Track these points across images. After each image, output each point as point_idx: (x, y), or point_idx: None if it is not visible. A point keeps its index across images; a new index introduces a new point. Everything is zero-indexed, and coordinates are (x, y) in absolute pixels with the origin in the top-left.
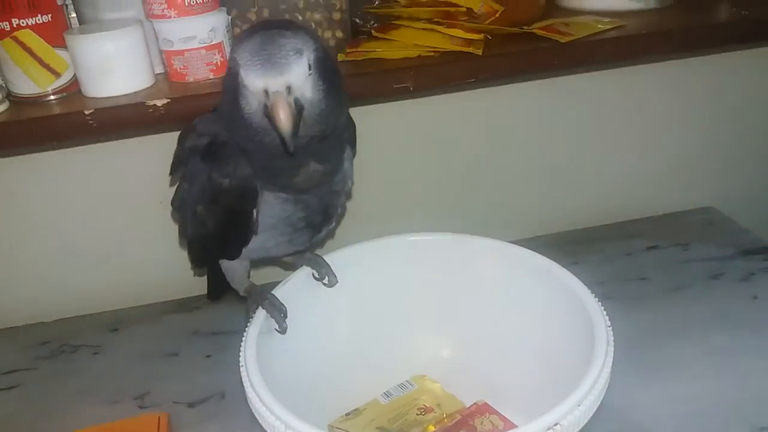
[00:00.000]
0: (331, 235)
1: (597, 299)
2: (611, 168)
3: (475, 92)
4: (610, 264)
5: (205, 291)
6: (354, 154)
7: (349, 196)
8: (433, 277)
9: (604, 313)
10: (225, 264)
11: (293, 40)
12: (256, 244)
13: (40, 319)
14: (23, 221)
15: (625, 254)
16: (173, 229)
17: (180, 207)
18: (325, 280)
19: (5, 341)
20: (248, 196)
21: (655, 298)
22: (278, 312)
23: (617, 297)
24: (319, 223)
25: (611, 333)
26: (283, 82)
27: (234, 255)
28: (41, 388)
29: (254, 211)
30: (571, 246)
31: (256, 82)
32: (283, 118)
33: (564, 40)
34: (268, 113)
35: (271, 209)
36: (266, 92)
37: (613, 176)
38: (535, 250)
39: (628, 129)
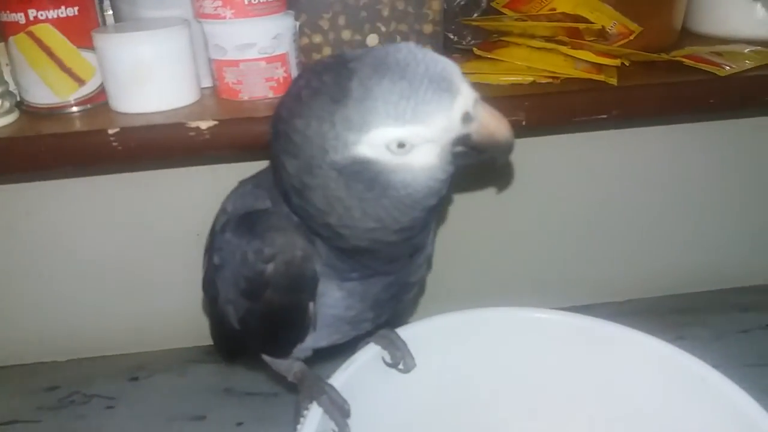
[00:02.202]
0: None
1: None
2: (726, 225)
3: (601, 134)
4: (722, 342)
5: None
6: None
7: (429, 265)
8: (541, 367)
9: None
10: None
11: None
12: (307, 343)
13: (53, 358)
14: (38, 248)
15: (740, 331)
16: None
17: (208, 292)
18: (401, 365)
19: (10, 381)
20: (304, 284)
21: None
22: (339, 410)
23: None
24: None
25: None
26: (469, 89)
27: (279, 355)
28: None
29: (310, 304)
30: (673, 316)
31: (444, 117)
32: (504, 126)
33: (723, 73)
34: (475, 141)
35: (331, 301)
36: (465, 116)
37: (725, 234)
38: (630, 318)
39: (752, 183)
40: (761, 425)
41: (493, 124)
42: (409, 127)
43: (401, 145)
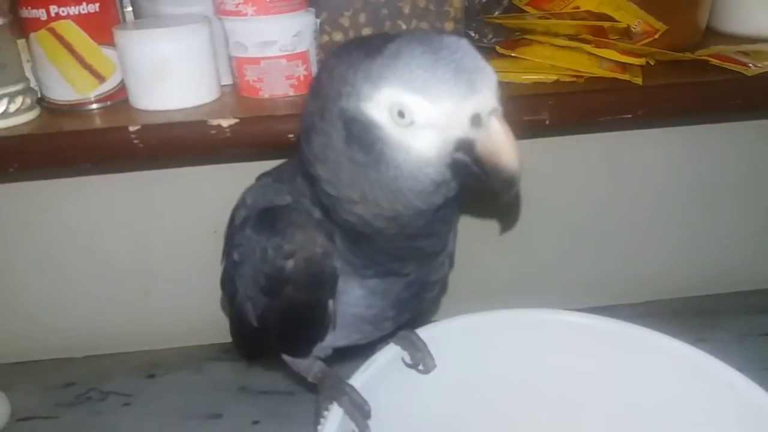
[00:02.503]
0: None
1: None
2: (746, 226)
3: (625, 134)
4: (743, 345)
5: None
6: None
7: (452, 263)
8: (562, 369)
9: None
10: None
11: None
12: (327, 341)
13: (70, 354)
14: (56, 245)
15: (762, 333)
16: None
17: (227, 289)
18: (420, 366)
19: (28, 377)
20: (324, 281)
21: None
22: (359, 411)
23: None
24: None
25: None
26: (494, 98)
27: (299, 354)
28: None
29: (330, 301)
30: (694, 318)
31: (451, 104)
32: (513, 151)
33: (750, 72)
34: (478, 152)
35: (352, 299)
36: (474, 118)
37: (746, 235)
38: (649, 320)
39: None
40: None
41: (501, 141)
42: (415, 97)
43: (402, 114)
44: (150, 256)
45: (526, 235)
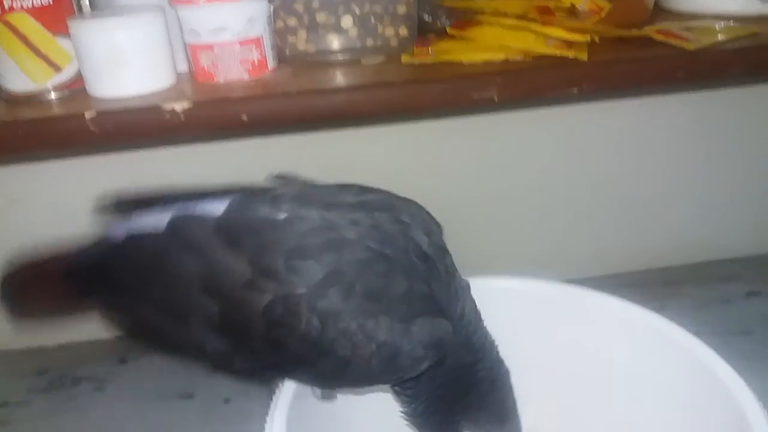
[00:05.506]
0: None
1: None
2: (706, 198)
3: (570, 108)
4: (703, 312)
5: None
6: None
7: None
8: (518, 334)
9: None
10: None
11: None
12: None
13: (42, 343)
14: (22, 232)
15: (722, 301)
16: None
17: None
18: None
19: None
20: None
21: (763, 357)
22: None
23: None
24: None
25: None
26: None
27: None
28: (33, 428)
29: None
30: (656, 287)
31: None
32: None
33: (691, 47)
34: None
35: None
36: None
37: (706, 207)
38: (614, 291)
39: (733, 153)
40: (734, 390)
41: None
42: None
43: None
44: None
45: (482, 212)
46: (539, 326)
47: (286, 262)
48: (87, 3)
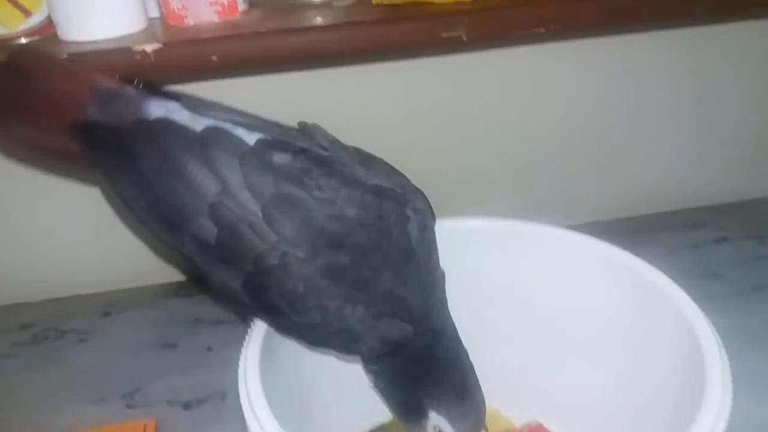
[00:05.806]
0: None
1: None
2: (676, 146)
3: (536, 48)
4: (674, 257)
5: None
6: None
7: None
8: (482, 269)
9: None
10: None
11: None
12: None
13: (26, 299)
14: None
15: (691, 247)
16: None
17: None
18: None
19: None
20: None
21: (729, 298)
22: None
23: None
24: None
25: (726, 358)
26: None
27: None
28: (19, 379)
29: None
30: (628, 236)
31: None
32: None
33: None
34: None
35: None
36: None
37: (677, 156)
38: None
39: (703, 100)
40: (692, 318)
41: None
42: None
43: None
44: (97, 193)
45: (452, 156)
46: (503, 264)
47: (295, 223)
48: None
